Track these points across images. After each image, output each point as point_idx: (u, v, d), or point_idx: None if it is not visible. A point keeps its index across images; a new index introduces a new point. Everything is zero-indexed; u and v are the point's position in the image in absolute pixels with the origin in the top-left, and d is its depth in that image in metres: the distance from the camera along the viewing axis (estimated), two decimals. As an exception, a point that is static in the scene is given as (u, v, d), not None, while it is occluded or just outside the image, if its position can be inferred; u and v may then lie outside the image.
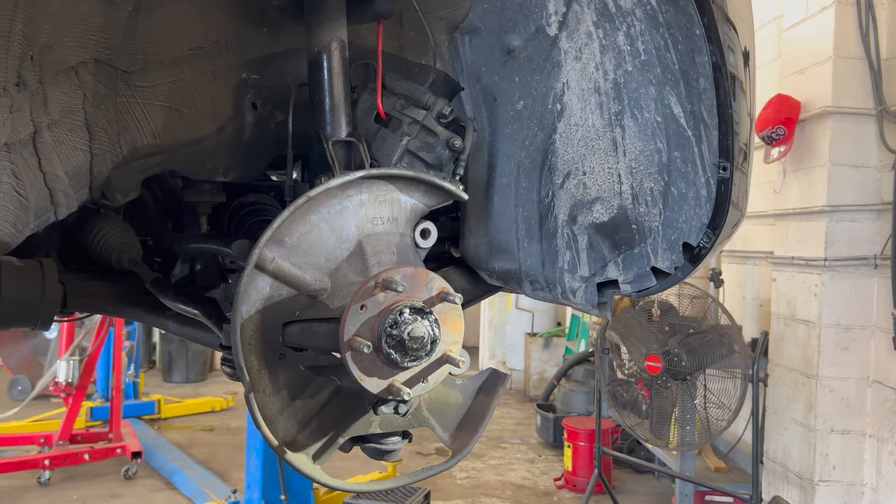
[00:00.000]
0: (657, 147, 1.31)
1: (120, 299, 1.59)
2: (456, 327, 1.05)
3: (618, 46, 1.30)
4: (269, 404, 1.04)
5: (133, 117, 1.28)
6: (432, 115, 1.33)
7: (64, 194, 1.18)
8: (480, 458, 6.44)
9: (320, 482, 1.07)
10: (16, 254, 1.31)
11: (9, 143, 1.09)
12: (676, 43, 1.27)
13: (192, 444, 6.73)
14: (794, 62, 4.59)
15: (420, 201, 1.16)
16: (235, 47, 1.36)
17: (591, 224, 1.36)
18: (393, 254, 1.12)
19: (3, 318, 1.38)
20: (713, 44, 1.26)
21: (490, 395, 1.23)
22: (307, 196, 1.04)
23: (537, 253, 1.41)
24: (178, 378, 9.59)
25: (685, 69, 1.28)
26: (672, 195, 1.32)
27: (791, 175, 4.57)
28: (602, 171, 1.34)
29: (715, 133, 1.29)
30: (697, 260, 1.36)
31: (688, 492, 4.69)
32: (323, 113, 1.28)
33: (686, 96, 1.28)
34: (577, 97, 1.33)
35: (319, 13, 1.27)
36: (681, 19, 1.27)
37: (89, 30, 1.18)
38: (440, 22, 1.41)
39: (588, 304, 1.42)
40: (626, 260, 1.37)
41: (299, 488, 4.49)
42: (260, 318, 1.03)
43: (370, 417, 1.11)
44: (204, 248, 1.54)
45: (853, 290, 4.23)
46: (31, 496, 5.38)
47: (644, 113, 1.30)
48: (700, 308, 4.18)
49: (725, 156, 1.29)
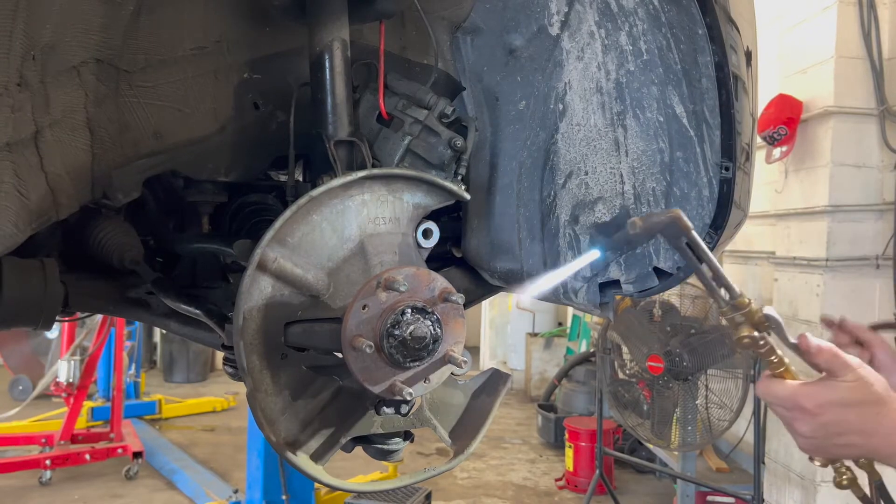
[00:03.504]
0: (659, 147, 1.31)
1: (121, 299, 1.59)
2: (458, 327, 1.05)
3: (620, 46, 1.29)
4: (271, 404, 1.04)
5: (134, 117, 1.28)
6: (434, 115, 1.32)
7: (65, 194, 1.18)
8: (481, 458, 6.44)
9: (322, 482, 1.07)
10: (17, 254, 1.31)
11: (10, 142, 1.09)
12: (679, 43, 1.27)
13: (193, 444, 6.74)
14: (796, 62, 4.59)
15: (422, 201, 1.15)
16: (237, 47, 1.36)
17: (593, 224, 1.36)
18: (395, 254, 1.12)
19: (4, 318, 1.38)
20: (716, 43, 1.26)
21: (492, 395, 1.23)
22: (309, 196, 1.04)
23: (539, 253, 1.41)
24: (179, 378, 9.59)
25: (687, 69, 1.28)
26: (674, 195, 1.31)
27: (793, 175, 4.56)
28: (604, 171, 1.34)
29: (717, 133, 1.29)
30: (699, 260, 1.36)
31: (689, 492, 4.68)
32: (325, 113, 1.28)
33: (688, 96, 1.28)
34: (579, 97, 1.33)
35: (321, 13, 1.27)
36: (683, 19, 1.26)
37: (91, 29, 1.18)
38: (442, 22, 1.41)
39: (590, 305, 1.42)
40: (628, 260, 1.37)
41: (300, 488, 4.49)
42: (262, 318, 1.03)
43: (372, 417, 1.11)
44: (205, 248, 1.54)
45: (855, 291, 4.22)
46: (33, 496, 5.39)
47: (646, 113, 1.30)
48: (702, 308, 4.17)
49: (728, 156, 1.29)
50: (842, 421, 0.98)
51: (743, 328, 1.00)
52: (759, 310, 0.99)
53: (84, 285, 1.55)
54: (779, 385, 1.02)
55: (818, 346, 1.00)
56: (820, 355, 1.00)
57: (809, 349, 1.00)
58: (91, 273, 1.56)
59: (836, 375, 0.99)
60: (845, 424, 0.98)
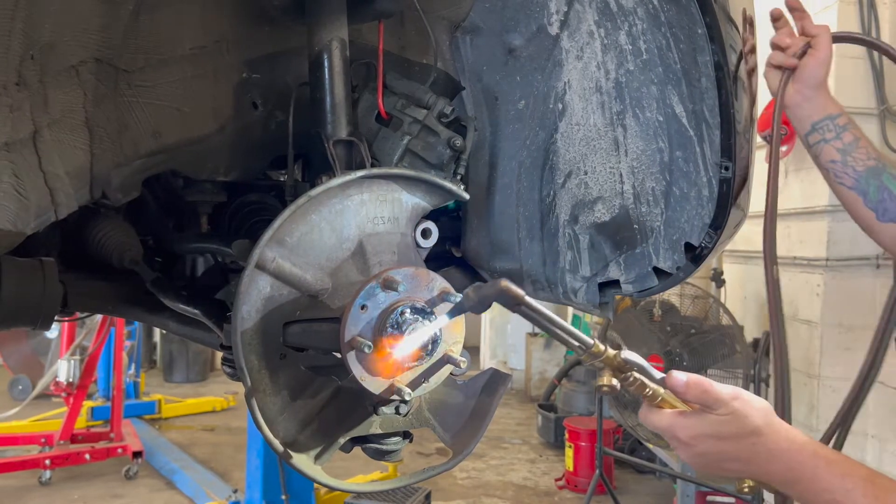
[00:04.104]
0: (659, 147, 1.30)
1: (121, 299, 1.59)
2: (457, 327, 1.05)
3: (619, 45, 1.29)
4: (269, 404, 1.04)
5: (134, 117, 1.27)
6: (433, 115, 1.32)
7: (64, 194, 1.18)
8: (481, 458, 6.43)
9: (321, 482, 1.07)
10: (16, 253, 1.31)
11: (9, 142, 1.09)
12: (678, 42, 1.27)
13: (192, 443, 6.74)
14: (796, 62, 4.58)
15: (421, 201, 1.15)
16: (236, 47, 1.36)
17: (592, 224, 1.36)
18: (394, 253, 1.12)
19: (4, 318, 1.38)
20: (715, 43, 1.26)
21: (491, 395, 1.22)
22: (308, 195, 1.04)
23: (539, 253, 1.40)
24: (178, 378, 9.58)
25: (687, 68, 1.28)
26: (674, 195, 1.31)
27: (793, 175, 4.56)
28: (604, 170, 1.34)
29: (717, 132, 1.29)
30: (699, 260, 1.36)
31: (689, 492, 4.68)
32: (324, 112, 1.28)
33: (688, 96, 1.28)
34: (578, 96, 1.33)
35: (320, 12, 1.26)
36: (683, 18, 1.26)
37: (90, 29, 1.17)
38: (441, 21, 1.41)
39: (589, 304, 1.41)
40: (628, 260, 1.37)
41: (300, 488, 4.48)
42: (260, 317, 1.03)
43: (371, 418, 1.10)
44: (204, 247, 1.54)
45: (855, 291, 4.22)
46: (32, 496, 5.39)
47: (646, 112, 1.30)
48: (701, 308, 4.18)
49: (727, 155, 1.29)
50: (718, 451, 0.99)
51: (605, 374, 0.99)
52: (616, 354, 0.98)
53: (83, 285, 1.55)
54: (656, 415, 1.02)
55: (685, 383, 0.99)
56: (688, 391, 1.00)
57: (677, 387, 1.00)
58: (90, 273, 1.56)
59: (709, 409, 0.99)
60: (723, 454, 1.00)
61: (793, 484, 0.99)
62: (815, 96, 1.39)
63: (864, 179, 1.37)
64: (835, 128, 1.39)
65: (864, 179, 1.38)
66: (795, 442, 0.99)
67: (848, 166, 1.39)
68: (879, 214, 1.38)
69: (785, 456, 0.98)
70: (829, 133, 1.39)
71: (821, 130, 1.40)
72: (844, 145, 1.38)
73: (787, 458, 0.98)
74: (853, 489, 0.94)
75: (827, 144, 1.39)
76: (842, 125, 1.39)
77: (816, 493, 0.96)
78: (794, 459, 0.98)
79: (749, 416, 0.98)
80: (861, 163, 1.37)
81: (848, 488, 0.94)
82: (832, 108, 1.40)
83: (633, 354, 1.00)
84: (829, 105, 1.40)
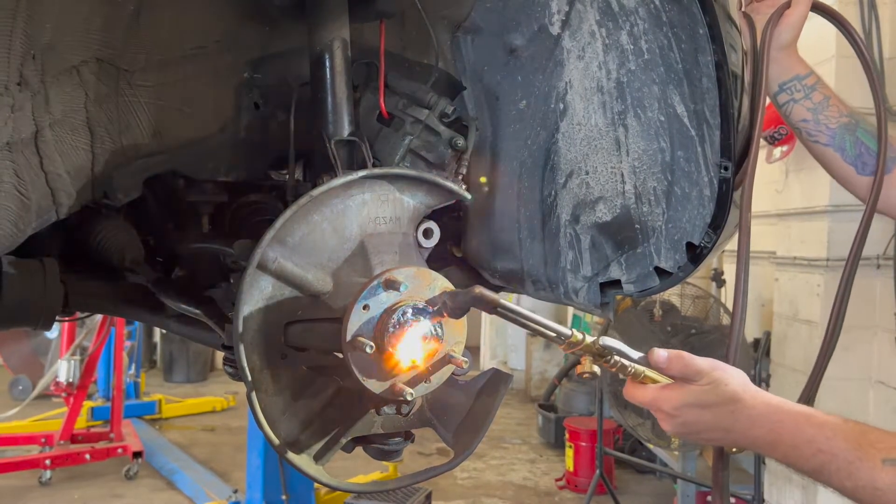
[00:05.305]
0: (660, 146, 1.30)
1: (121, 299, 1.59)
2: (458, 327, 1.05)
3: (621, 45, 1.29)
4: (271, 404, 1.04)
5: (135, 117, 1.27)
6: (435, 115, 1.32)
7: (66, 194, 1.18)
8: (482, 458, 6.43)
9: (322, 482, 1.07)
10: (17, 253, 1.31)
11: (10, 142, 1.09)
12: (680, 42, 1.27)
13: (192, 443, 6.74)
14: (796, 62, 4.58)
15: (423, 201, 1.15)
16: (237, 47, 1.36)
17: (593, 224, 1.36)
18: (395, 253, 1.12)
19: (4, 318, 1.38)
20: (716, 43, 1.26)
21: (492, 395, 1.22)
22: (310, 195, 1.04)
23: (540, 253, 1.40)
24: (178, 378, 9.58)
25: (688, 68, 1.28)
26: (675, 195, 1.31)
27: (793, 175, 4.56)
28: (605, 170, 1.34)
29: (718, 132, 1.29)
30: (699, 259, 1.36)
31: (689, 492, 4.68)
32: (325, 112, 1.28)
33: (689, 95, 1.28)
34: (579, 96, 1.33)
35: (321, 12, 1.26)
36: (684, 18, 1.26)
37: (91, 29, 1.17)
38: (442, 21, 1.41)
39: (590, 304, 1.41)
40: (630, 260, 1.37)
41: (300, 488, 4.49)
42: (262, 318, 1.03)
43: (372, 418, 1.10)
44: (206, 247, 1.54)
45: (855, 291, 4.20)
46: (32, 496, 5.39)
47: (647, 112, 1.30)
48: (702, 308, 4.18)
49: (727, 155, 1.29)
50: (699, 420, 1.04)
51: (586, 362, 1.05)
52: (595, 341, 1.03)
53: (84, 285, 1.55)
54: (640, 390, 1.08)
55: (667, 358, 1.05)
56: (670, 366, 1.05)
57: (659, 363, 1.05)
58: (91, 273, 1.56)
59: (690, 381, 1.04)
60: (703, 423, 1.04)
61: (776, 445, 1.02)
62: (782, 57, 1.41)
63: (839, 136, 1.41)
64: (803, 88, 1.42)
65: (839, 136, 1.41)
66: (771, 404, 1.03)
67: (821, 124, 1.42)
68: (859, 169, 1.42)
69: (765, 419, 1.02)
70: (797, 93, 1.42)
71: (789, 90, 1.43)
72: (815, 104, 1.41)
73: (767, 420, 1.02)
74: (833, 436, 0.98)
75: (797, 104, 1.42)
76: (810, 85, 1.41)
77: (799, 447, 1.00)
78: (773, 420, 1.01)
79: (728, 384, 1.03)
80: (834, 120, 1.40)
81: (828, 436, 0.98)
82: (800, 69, 1.42)
83: (610, 339, 1.05)
84: (796, 65, 1.42)
